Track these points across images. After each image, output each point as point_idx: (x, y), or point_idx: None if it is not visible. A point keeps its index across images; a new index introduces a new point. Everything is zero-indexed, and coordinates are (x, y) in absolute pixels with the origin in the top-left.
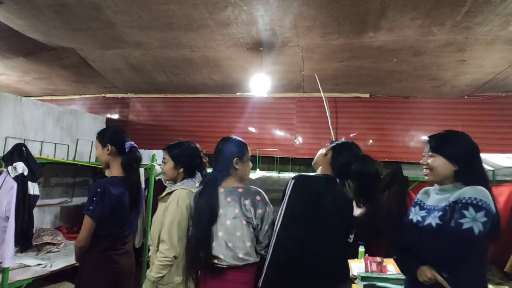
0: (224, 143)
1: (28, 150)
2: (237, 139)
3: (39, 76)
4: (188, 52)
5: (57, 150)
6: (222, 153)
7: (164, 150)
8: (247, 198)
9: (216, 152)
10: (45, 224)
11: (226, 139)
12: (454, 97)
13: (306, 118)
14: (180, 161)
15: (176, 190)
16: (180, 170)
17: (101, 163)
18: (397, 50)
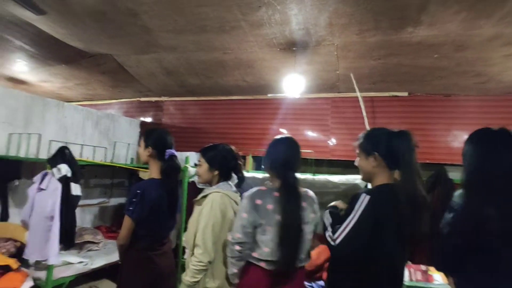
0: (297, 145)
1: (70, 152)
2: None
3: (80, 82)
4: (220, 54)
5: (96, 153)
6: (300, 155)
7: (199, 153)
8: (314, 202)
9: (297, 153)
10: (86, 224)
11: (293, 140)
12: (500, 94)
13: (341, 119)
14: (215, 164)
15: (211, 193)
16: (215, 172)
17: (140, 161)
18: (439, 45)
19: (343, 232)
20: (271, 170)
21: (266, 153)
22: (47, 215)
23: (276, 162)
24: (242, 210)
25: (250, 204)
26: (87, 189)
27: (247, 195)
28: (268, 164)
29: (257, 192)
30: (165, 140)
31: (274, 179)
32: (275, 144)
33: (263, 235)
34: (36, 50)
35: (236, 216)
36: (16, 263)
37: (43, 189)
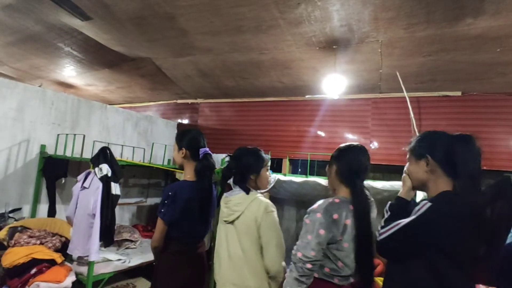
0: (368, 154)
1: (111, 153)
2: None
3: (121, 86)
4: (256, 55)
5: (135, 153)
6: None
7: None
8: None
9: (369, 163)
10: (124, 222)
11: (365, 148)
12: None
13: (382, 121)
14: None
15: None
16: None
17: (176, 164)
18: (504, 37)
19: (389, 231)
20: (342, 178)
21: (338, 160)
22: (89, 213)
23: (351, 171)
24: (318, 226)
25: (327, 220)
26: (126, 188)
27: (321, 208)
28: (340, 172)
29: (332, 206)
30: (198, 140)
31: (341, 188)
32: (349, 151)
33: (339, 250)
34: (83, 56)
35: (307, 231)
36: (61, 258)
37: (86, 187)
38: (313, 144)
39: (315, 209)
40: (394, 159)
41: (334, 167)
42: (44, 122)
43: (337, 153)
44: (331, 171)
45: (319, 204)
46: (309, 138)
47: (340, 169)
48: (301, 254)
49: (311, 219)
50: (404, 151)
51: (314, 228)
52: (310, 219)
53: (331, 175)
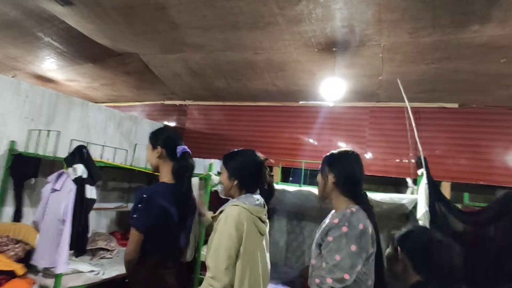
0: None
1: (88, 152)
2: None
3: (105, 82)
4: (251, 54)
5: (116, 155)
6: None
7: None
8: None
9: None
10: (101, 228)
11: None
12: None
13: (380, 131)
14: (234, 172)
15: (227, 207)
16: (234, 182)
17: (151, 166)
18: (508, 47)
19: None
20: (344, 188)
21: (334, 167)
22: (59, 218)
23: (353, 179)
24: (348, 241)
25: (356, 232)
26: (105, 192)
27: (344, 221)
28: (340, 181)
29: (353, 216)
30: (175, 138)
31: (340, 198)
32: (347, 158)
33: (368, 266)
34: (64, 48)
35: (332, 251)
36: (23, 269)
37: (57, 190)
38: (306, 152)
39: (336, 224)
40: (390, 170)
41: (330, 176)
42: (16, 115)
43: (333, 160)
44: (326, 180)
45: (338, 217)
46: (302, 146)
47: (339, 177)
48: (331, 279)
49: (334, 235)
50: (401, 163)
51: (341, 245)
52: (333, 235)
53: (326, 184)
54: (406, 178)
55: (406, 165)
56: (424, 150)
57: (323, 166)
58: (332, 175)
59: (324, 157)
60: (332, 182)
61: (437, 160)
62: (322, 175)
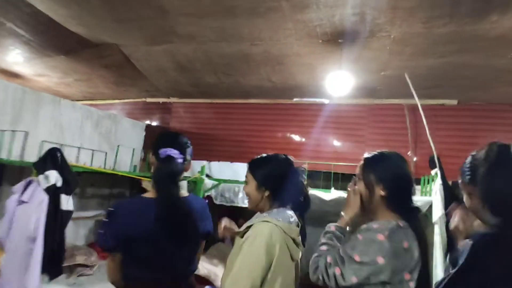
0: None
1: (63, 156)
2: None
3: (80, 78)
4: (247, 46)
5: (95, 158)
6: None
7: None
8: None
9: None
10: (79, 239)
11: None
12: None
13: (379, 129)
14: (265, 181)
15: (256, 223)
16: (265, 193)
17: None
18: None
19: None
20: (397, 203)
21: (381, 176)
22: (29, 235)
23: (406, 192)
24: (379, 251)
25: (394, 246)
26: (83, 199)
27: (385, 230)
28: (391, 194)
29: (399, 230)
30: (164, 139)
31: (383, 211)
32: (398, 164)
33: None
34: (31, 36)
35: (354, 248)
36: None
37: (25, 201)
38: (301, 152)
39: (374, 228)
40: None
41: (378, 188)
42: None
43: (381, 168)
44: (371, 192)
45: (379, 224)
46: (296, 146)
47: (391, 190)
48: (340, 271)
49: (366, 237)
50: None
51: (369, 250)
52: (365, 236)
53: (372, 197)
54: None
55: None
56: (423, 149)
57: (366, 174)
58: (381, 186)
59: (364, 161)
60: (381, 195)
61: None
62: (365, 185)
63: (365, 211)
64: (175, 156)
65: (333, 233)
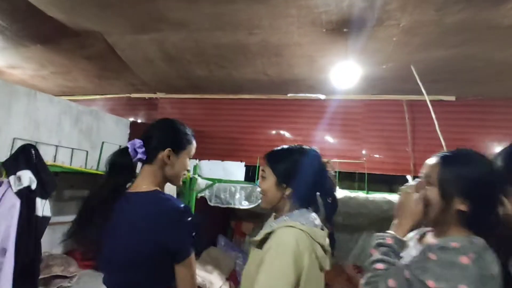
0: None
1: (39, 154)
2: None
3: (58, 70)
4: (244, 35)
5: (74, 157)
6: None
7: (265, 159)
8: None
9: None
10: (55, 247)
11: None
12: None
13: (376, 125)
14: (286, 177)
15: (278, 229)
16: (286, 191)
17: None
18: None
19: None
20: (479, 220)
21: (468, 190)
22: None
23: (493, 208)
24: (463, 279)
25: (480, 273)
26: (60, 202)
27: (470, 251)
28: (475, 211)
29: (486, 252)
30: (146, 128)
31: (453, 225)
32: (489, 174)
33: None
34: (4, 22)
35: (434, 274)
36: None
37: None
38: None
39: (454, 247)
40: (388, 168)
41: (458, 201)
42: None
43: (466, 174)
44: (447, 202)
45: (459, 241)
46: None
47: (477, 208)
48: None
49: (443, 257)
50: (400, 159)
51: (449, 275)
52: (441, 256)
53: (443, 206)
54: (406, 175)
55: (405, 162)
56: (419, 145)
57: (445, 180)
58: (462, 199)
59: (441, 161)
60: (459, 210)
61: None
62: (440, 194)
63: (429, 221)
64: (129, 147)
65: (390, 247)
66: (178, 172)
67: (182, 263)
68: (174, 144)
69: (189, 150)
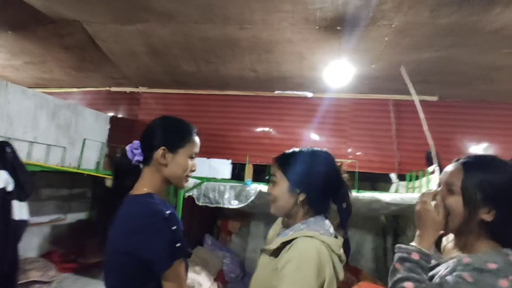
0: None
1: (15, 153)
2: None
3: (31, 60)
4: (235, 29)
5: (51, 154)
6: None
7: (274, 161)
8: None
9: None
10: (31, 250)
11: None
12: None
13: (362, 124)
14: (300, 182)
15: (297, 238)
16: (300, 197)
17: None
18: None
19: None
20: (501, 228)
21: (495, 198)
22: None
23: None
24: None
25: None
26: (37, 202)
27: (508, 273)
28: (500, 221)
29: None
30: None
31: (487, 241)
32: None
33: None
34: None
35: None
36: None
37: None
38: (280, 147)
39: (492, 269)
40: (374, 166)
41: (484, 209)
42: None
43: (492, 182)
44: (471, 211)
45: (496, 261)
46: (278, 141)
47: (499, 213)
48: None
49: (479, 280)
50: (385, 158)
51: None
52: (477, 279)
53: (467, 216)
54: (390, 174)
55: (390, 160)
56: (403, 144)
57: (469, 188)
58: (488, 209)
59: (465, 167)
60: (483, 220)
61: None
62: (465, 203)
63: (452, 231)
64: (127, 149)
65: (417, 263)
66: (176, 173)
67: (163, 276)
68: (168, 142)
69: (188, 149)
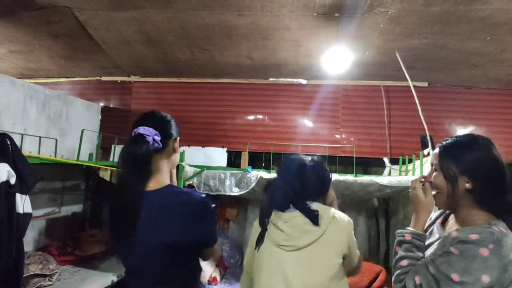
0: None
1: (15, 145)
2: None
3: (18, 49)
4: (233, 16)
5: (42, 145)
6: None
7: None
8: None
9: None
10: (27, 245)
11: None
12: None
13: (354, 110)
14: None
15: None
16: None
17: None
18: (500, 24)
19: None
20: (488, 198)
21: (467, 167)
22: None
23: (500, 186)
24: (484, 269)
25: (503, 262)
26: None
27: (489, 241)
28: (480, 188)
29: (505, 240)
30: (139, 117)
31: (477, 211)
32: (488, 153)
33: None
34: None
35: (456, 269)
36: None
37: None
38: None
39: (474, 240)
40: (366, 151)
41: (462, 178)
42: None
43: (466, 158)
44: (453, 185)
45: (476, 232)
46: (272, 128)
47: (480, 185)
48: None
49: (464, 251)
50: (376, 143)
51: (471, 268)
52: (462, 250)
53: (454, 192)
54: (383, 158)
55: (382, 144)
56: (394, 129)
57: (445, 164)
58: (466, 178)
59: (441, 148)
60: (466, 189)
61: (406, 138)
62: (444, 177)
63: (443, 207)
64: (145, 134)
65: (411, 243)
66: (177, 160)
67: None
68: (178, 132)
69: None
